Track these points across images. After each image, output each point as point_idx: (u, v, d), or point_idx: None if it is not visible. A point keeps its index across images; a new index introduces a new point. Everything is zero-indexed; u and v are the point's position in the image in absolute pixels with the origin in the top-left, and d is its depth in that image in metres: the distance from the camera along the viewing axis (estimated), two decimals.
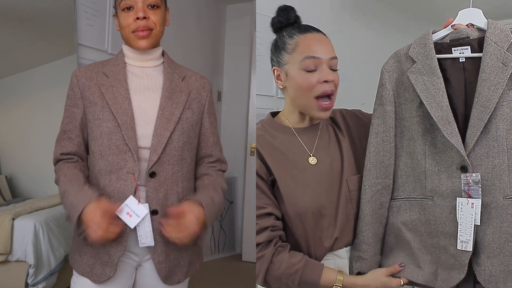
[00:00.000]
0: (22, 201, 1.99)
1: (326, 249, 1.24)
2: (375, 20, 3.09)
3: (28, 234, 1.82)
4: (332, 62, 1.25)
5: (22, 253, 1.81)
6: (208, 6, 3.73)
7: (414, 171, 1.23)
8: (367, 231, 1.24)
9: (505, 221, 1.11)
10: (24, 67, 2.00)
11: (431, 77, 1.17)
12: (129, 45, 1.30)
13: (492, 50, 1.14)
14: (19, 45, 1.96)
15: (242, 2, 3.83)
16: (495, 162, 1.13)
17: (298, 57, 1.25)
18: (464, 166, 1.13)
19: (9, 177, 2.01)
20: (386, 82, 1.26)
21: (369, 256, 1.24)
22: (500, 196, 1.12)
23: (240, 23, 3.89)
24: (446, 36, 1.23)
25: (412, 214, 1.23)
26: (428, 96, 1.16)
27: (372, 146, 1.26)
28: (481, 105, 1.12)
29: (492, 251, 1.12)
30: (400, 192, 1.26)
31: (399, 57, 1.26)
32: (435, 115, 1.15)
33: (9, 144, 1.97)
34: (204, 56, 3.69)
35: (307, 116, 1.32)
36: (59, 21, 2.07)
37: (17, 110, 2.00)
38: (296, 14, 1.33)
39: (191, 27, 3.46)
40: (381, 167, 1.26)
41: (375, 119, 1.27)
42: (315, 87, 1.23)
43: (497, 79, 1.12)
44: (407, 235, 1.23)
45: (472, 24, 1.22)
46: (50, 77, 2.05)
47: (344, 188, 1.27)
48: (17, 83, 1.97)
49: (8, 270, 1.80)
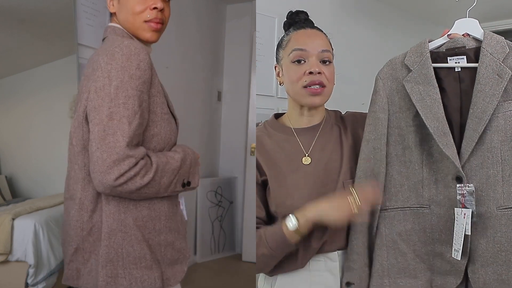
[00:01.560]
0: (22, 201, 1.99)
1: (314, 249, 1.23)
2: (375, 20, 3.09)
3: (28, 234, 1.82)
4: (323, 54, 1.27)
5: (22, 253, 1.81)
6: (208, 6, 3.73)
7: (409, 180, 1.23)
8: (357, 240, 1.23)
9: (499, 231, 1.13)
10: (24, 67, 2.00)
11: (427, 87, 1.17)
12: (137, 35, 1.19)
13: (488, 61, 1.14)
14: (19, 45, 1.96)
15: (242, 2, 3.83)
16: (490, 173, 1.14)
17: (289, 51, 1.28)
18: (459, 177, 1.14)
19: (9, 177, 2.01)
20: (380, 90, 1.25)
21: (358, 266, 1.23)
22: (494, 207, 1.13)
23: (240, 23, 3.89)
24: (442, 45, 1.23)
25: (406, 224, 1.22)
26: (424, 106, 1.17)
27: (363, 154, 1.25)
28: (476, 117, 1.13)
29: (486, 260, 1.14)
30: (393, 202, 1.24)
31: (395, 65, 1.26)
32: (430, 126, 1.15)
33: (9, 144, 1.97)
34: (204, 56, 3.69)
35: (306, 111, 1.32)
36: (59, 21, 2.07)
37: (17, 110, 2.00)
38: (306, 17, 1.36)
39: (191, 27, 3.46)
40: (371, 175, 1.23)
41: (367, 126, 1.26)
42: (302, 78, 1.25)
43: (492, 91, 1.12)
44: (402, 247, 1.22)
45: (468, 34, 1.22)
46: (50, 77, 2.05)
47: (339, 191, 1.25)
48: (17, 83, 1.97)
49: (8, 270, 1.80)
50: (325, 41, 1.31)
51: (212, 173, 3.85)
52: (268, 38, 2.43)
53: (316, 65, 1.25)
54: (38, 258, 1.83)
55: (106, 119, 0.98)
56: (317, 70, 1.24)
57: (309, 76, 1.25)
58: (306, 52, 1.26)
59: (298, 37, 1.30)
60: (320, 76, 1.25)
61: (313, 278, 1.26)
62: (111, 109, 0.98)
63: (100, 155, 0.96)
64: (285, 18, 1.37)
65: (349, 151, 1.31)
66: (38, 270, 1.84)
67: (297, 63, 1.26)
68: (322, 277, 1.26)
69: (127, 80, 1.00)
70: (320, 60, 1.26)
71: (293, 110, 1.34)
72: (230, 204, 3.85)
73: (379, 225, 1.23)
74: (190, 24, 3.43)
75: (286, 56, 1.29)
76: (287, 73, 1.29)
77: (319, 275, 1.26)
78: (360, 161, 1.25)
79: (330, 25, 1.57)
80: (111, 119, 0.98)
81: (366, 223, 1.24)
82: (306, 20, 1.35)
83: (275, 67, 1.37)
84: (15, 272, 1.80)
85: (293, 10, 1.37)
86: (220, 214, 3.75)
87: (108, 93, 0.99)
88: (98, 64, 1.04)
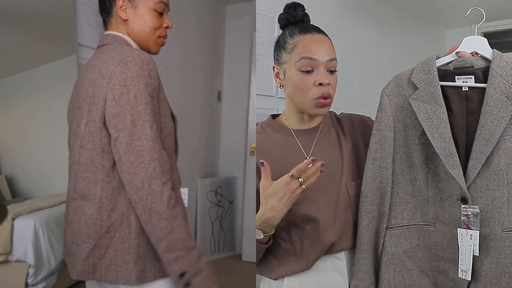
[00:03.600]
0: (22, 201, 1.99)
1: (322, 251, 1.24)
2: (375, 20, 3.09)
3: (28, 234, 1.82)
4: (330, 64, 1.25)
5: (22, 253, 1.81)
6: (208, 6, 3.73)
7: (415, 198, 1.23)
8: (364, 259, 1.23)
9: (503, 253, 1.13)
10: (24, 67, 2.00)
11: (434, 105, 1.16)
12: (146, 47, 1.27)
13: (497, 83, 1.13)
14: (19, 45, 1.96)
15: (242, 2, 3.83)
16: (495, 195, 1.14)
17: (296, 57, 1.25)
18: (464, 198, 1.14)
19: (9, 177, 2.01)
20: (386, 107, 1.24)
21: (365, 285, 1.23)
22: (498, 229, 1.14)
23: (240, 23, 3.89)
24: (450, 63, 1.22)
25: (411, 242, 1.23)
26: (430, 126, 1.16)
27: (369, 172, 1.25)
28: (484, 138, 1.12)
29: (489, 281, 1.14)
30: (399, 220, 1.24)
31: (401, 82, 1.24)
32: (437, 146, 1.15)
33: (9, 144, 1.97)
34: (204, 56, 3.69)
35: (306, 116, 1.31)
36: (59, 21, 2.07)
37: (17, 110, 2.00)
38: (304, 12, 1.32)
39: (191, 27, 3.46)
40: (378, 193, 1.24)
41: (373, 144, 1.25)
42: (311, 90, 1.23)
43: (500, 113, 1.12)
44: (408, 264, 1.23)
45: (477, 53, 1.21)
46: (50, 77, 2.06)
47: (343, 193, 1.26)
48: (17, 83, 1.97)
49: (8, 270, 1.80)
50: (332, 48, 1.28)
51: (212, 173, 3.85)
52: (268, 38, 2.42)
53: (326, 76, 1.23)
54: (38, 258, 1.83)
55: (130, 126, 1.08)
56: (326, 82, 1.23)
57: (319, 88, 1.23)
58: (315, 61, 1.23)
59: (306, 43, 1.25)
60: (328, 87, 1.24)
61: (321, 278, 1.26)
62: (133, 116, 1.08)
63: (128, 157, 1.07)
64: (282, 11, 1.33)
65: (348, 154, 1.31)
66: (38, 270, 1.84)
67: (306, 73, 1.24)
68: (330, 276, 1.26)
69: (143, 88, 1.10)
70: (327, 69, 1.25)
71: (292, 113, 1.33)
72: (230, 204, 3.85)
73: (385, 243, 1.24)
74: (190, 24, 3.43)
75: (292, 62, 1.26)
76: (293, 80, 1.26)
77: (327, 275, 1.26)
78: (366, 180, 1.24)
79: (330, 25, 1.56)
80: (134, 125, 1.08)
81: (372, 242, 1.24)
82: (304, 15, 1.32)
83: (273, 68, 1.34)
84: (15, 272, 1.80)
85: (289, 2, 1.33)
86: (220, 214, 3.75)
87: (127, 101, 1.08)
88: (110, 72, 1.11)
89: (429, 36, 3.55)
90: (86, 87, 1.17)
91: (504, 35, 3.59)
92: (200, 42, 3.61)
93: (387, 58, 3.10)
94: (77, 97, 1.20)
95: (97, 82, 1.13)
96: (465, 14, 1.31)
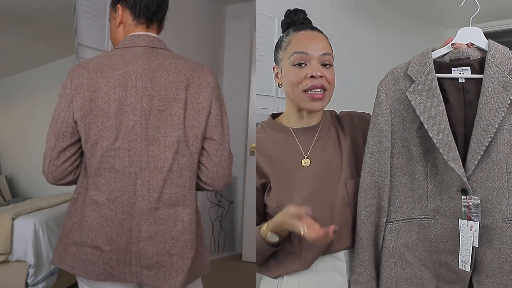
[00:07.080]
0: (22, 201, 1.99)
1: (320, 250, 1.24)
2: (375, 20, 3.09)
3: (28, 234, 1.82)
4: (324, 58, 1.26)
5: (22, 253, 1.81)
6: (208, 6, 3.73)
7: (414, 191, 1.23)
8: (363, 254, 1.23)
9: (504, 242, 1.14)
10: (24, 67, 2.00)
11: (431, 98, 1.16)
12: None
13: (493, 73, 1.13)
14: (19, 45, 1.96)
15: (242, 2, 3.83)
16: (495, 185, 1.14)
17: (289, 53, 1.27)
18: (464, 189, 1.14)
19: (9, 177, 2.02)
20: (383, 101, 1.24)
21: (365, 280, 1.23)
22: (499, 219, 1.14)
23: (240, 23, 3.89)
24: (446, 54, 1.22)
25: (412, 235, 1.23)
26: (428, 118, 1.16)
27: (367, 166, 1.24)
28: (482, 129, 1.12)
29: (492, 271, 1.14)
30: (398, 214, 1.24)
31: (397, 75, 1.24)
32: (436, 139, 1.14)
33: (9, 144, 1.97)
34: (204, 56, 3.69)
35: (305, 113, 1.32)
36: (59, 21, 2.07)
37: (17, 110, 2.00)
38: (304, 16, 1.34)
39: (191, 27, 3.46)
40: (376, 187, 1.23)
41: (370, 138, 1.25)
42: (303, 82, 1.24)
43: (498, 103, 1.12)
44: (408, 257, 1.22)
45: (472, 44, 1.21)
46: (50, 77, 2.05)
47: (341, 191, 1.26)
48: (17, 83, 1.97)
49: (8, 270, 1.80)
50: (326, 43, 1.29)
51: None
52: (268, 38, 2.43)
53: (318, 69, 1.24)
54: (38, 258, 1.83)
55: (225, 132, 1.29)
56: (318, 74, 1.23)
57: (310, 80, 1.24)
58: (307, 55, 1.25)
59: (299, 39, 1.28)
60: (321, 79, 1.24)
61: (320, 278, 1.26)
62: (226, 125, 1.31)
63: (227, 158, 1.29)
64: (283, 17, 1.36)
65: (348, 152, 1.31)
66: (38, 270, 1.84)
67: (298, 66, 1.25)
68: (330, 277, 1.26)
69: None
70: (321, 63, 1.25)
71: (291, 112, 1.34)
72: (230, 204, 3.85)
73: (386, 237, 1.23)
74: (190, 24, 3.43)
75: (287, 58, 1.28)
76: (287, 75, 1.28)
77: (327, 275, 1.26)
78: (365, 174, 1.24)
79: (330, 25, 1.56)
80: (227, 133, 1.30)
81: (372, 237, 1.24)
82: (305, 19, 1.34)
83: (273, 68, 1.35)
84: (15, 272, 1.80)
85: (291, 8, 1.35)
86: (220, 214, 3.75)
87: (225, 110, 1.31)
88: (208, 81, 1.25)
89: (429, 36, 3.55)
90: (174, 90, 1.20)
91: (504, 35, 3.58)
92: (200, 42, 3.61)
93: (387, 58, 3.09)
94: (149, 98, 1.18)
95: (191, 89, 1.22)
96: (459, 5, 1.30)
